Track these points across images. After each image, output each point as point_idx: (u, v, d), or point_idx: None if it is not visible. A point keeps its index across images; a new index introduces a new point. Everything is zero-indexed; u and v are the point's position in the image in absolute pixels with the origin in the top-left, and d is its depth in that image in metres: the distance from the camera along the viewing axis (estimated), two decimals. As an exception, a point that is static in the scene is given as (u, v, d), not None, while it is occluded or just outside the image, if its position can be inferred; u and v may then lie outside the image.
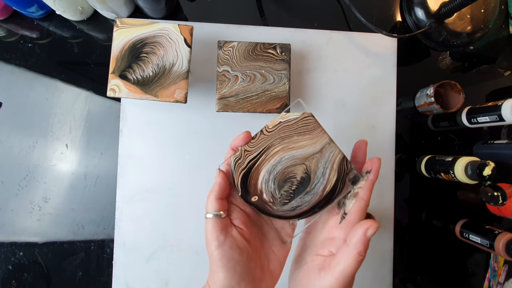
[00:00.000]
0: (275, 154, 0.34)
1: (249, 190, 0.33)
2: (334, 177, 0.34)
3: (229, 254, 0.29)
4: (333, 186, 0.34)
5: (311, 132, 0.34)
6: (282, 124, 0.34)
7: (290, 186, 0.34)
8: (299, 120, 0.34)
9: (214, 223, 0.30)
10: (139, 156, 0.53)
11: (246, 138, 0.34)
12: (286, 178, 0.34)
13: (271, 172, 0.34)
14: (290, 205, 0.33)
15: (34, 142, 0.53)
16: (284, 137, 0.34)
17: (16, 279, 0.52)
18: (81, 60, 0.55)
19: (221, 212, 0.31)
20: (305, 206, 0.33)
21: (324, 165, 0.34)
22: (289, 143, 0.34)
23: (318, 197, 0.33)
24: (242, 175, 0.33)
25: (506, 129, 0.56)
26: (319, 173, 0.34)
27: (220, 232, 0.30)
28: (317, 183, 0.34)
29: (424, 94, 0.53)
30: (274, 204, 0.33)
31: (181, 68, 0.45)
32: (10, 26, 0.55)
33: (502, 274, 0.56)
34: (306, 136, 0.34)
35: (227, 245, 0.30)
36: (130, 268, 0.52)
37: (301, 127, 0.34)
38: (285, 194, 0.34)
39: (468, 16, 0.55)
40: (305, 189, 0.34)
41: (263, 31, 0.55)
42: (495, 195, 0.44)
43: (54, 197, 0.53)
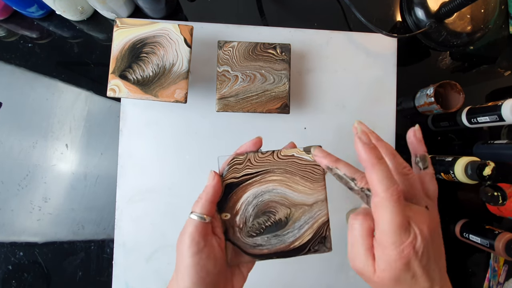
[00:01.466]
0: (270, 182, 0.33)
1: (226, 205, 0.32)
2: (309, 236, 0.33)
3: (204, 262, 0.27)
4: (302, 244, 0.33)
5: (314, 182, 0.34)
6: (294, 158, 0.33)
7: (266, 220, 0.33)
8: (310, 164, 0.34)
9: (198, 226, 0.28)
10: (139, 156, 0.53)
11: (257, 144, 0.33)
12: (266, 210, 0.33)
13: (257, 197, 0.33)
14: (255, 240, 0.32)
15: (34, 142, 0.53)
16: (288, 171, 0.33)
17: (16, 279, 0.52)
18: (81, 60, 0.55)
19: (206, 216, 0.29)
20: (266, 249, 0.32)
21: (306, 219, 0.33)
22: (289, 179, 0.33)
23: (283, 246, 0.32)
24: (230, 183, 0.32)
25: (506, 129, 0.56)
26: (297, 224, 0.33)
27: (201, 237, 0.28)
28: (290, 232, 0.33)
29: (424, 94, 0.53)
30: (240, 231, 0.32)
31: (181, 68, 0.45)
32: (10, 26, 0.55)
33: (502, 274, 0.56)
34: (307, 183, 0.33)
35: (205, 254, 0.28)
36: (130, 268, 0.52)
37: (308, 172, 0.33)
38: (257, 226, 0.32)
39: (468, 16, 0.55)
40: (276, 231, 0.32)
41: (263, 31, 0.55)
42: (495, 195, 0.44)
43: (54, 197, 0.53)
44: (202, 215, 0.29)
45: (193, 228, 0.28)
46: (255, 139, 0.33)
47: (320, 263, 0.54)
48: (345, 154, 0.55)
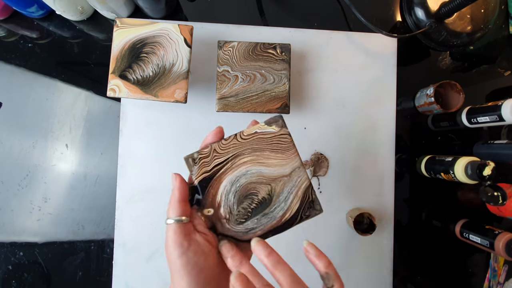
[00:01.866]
0: (242, 165, 0.32)
1: (205, 201, 0.31)
2: (296, 204, 0.32)
3: (193, 261, 0.28)
4: (293, 214, 0.32)
5: (285, 151, 0.33)
6: (258, 135, 0.33)
7: (250, 203, 0.32)
8: (276, 136, 0.33)
9: (177, 229, 0.28)
10: (139, 156, 0.53)
11: (219, 134, 0.32)
12: (247, 193, 0.32)
13: (234, 184, 0.32)
14: (245, 225, 0.32)
15: (34, 142, 0.53)
16: (256, 149, 0.32)
17: (16, 279, 0.52)
18: (81, 60, 0.55)
19: (183, 217, 0.29)
20: (259, 230, 0.32)
21: (289, 190, 0.32)
22: (259, 156, 0.32)
23: (275, 222, 0.32)
24: (203, 178, 0.32)
25: (506, 129, 0.56)
26: (282, 197, 0.32)
27: (183, 238, 0.28)
28: (277, 207, 0.32)
29: (424, 94, 0.53)
30: (228, 222, 0.32)
31: (181, 68, 0.45)
32: (10, 26, 0.55)
33: (502, 274, 0.56)
34: (279, 155, 0.33)
35: (192, 252, 0.28)
36: (130, 268, 0.52)
37: (276, 143, 0.33)
38: (243, 212, 0.32)
39: (468, 16, 0.55)
40: (263, 210, 0.32)
41: (263, 31, 0.55)
42: (495, 195, 0.44)
43: (54, 197, 0.53)
44: (178, 217, 0.29)
45: (171, 232, 0.28)
46: (215, 130, 0.32)
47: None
48: (344, 153, 0.55)
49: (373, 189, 0.55)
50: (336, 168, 0.55)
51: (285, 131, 0.33)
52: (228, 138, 0.33)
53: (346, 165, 0.55)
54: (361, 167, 0.55)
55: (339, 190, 0.55)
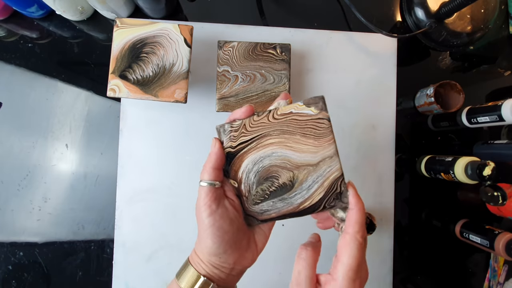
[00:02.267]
0: (268, 146, 0.30)
1: (230, 174, 0.32)
2: (320, 195, 0.30)
3: (219, 223, 0.30)
4: (313, 204, 0.31)
5: (319, 138, 0.30)
6: (293, 115, 0.30)
7: (269, 186, 0.31)
8: (312, 119, 0.31)
9: (208, 191, 0.30)
10: (139, 156, 0.53)
11: (248, 112, 0.31)
12: (268, 176, 0.31)
13: (257, 164, 0.31)
14: (260, 206, 0.32)
15: (34, 142, 0.53)
16: (286, 131, 0.30)
17: (16, 279, 0.52)
18: (81, 60, 0.55)
19: (216, 182, 0.31)
20: (274, 213, 0.31)
21: (314, 179, 0.31)
22: (288, 139, 0.30)
23: (291, 209, 0.31)
24: (228, 153, 0.31)
25: (506, 129, 0.56)
26: (305, 185, 0.31)
27: (213, 201, 0.30)
28: (298, 194, 0.31)
29: (424, 94, 0.53)
30: (246, 200, 0.32)
31: (181, 68, 0.45)
32: (10, 26, 0.55)
33: (502, 274, 0.56)
34: (310, 141, 0.30)
35: (218, 215, 0.30)
36: (130, 268, 0.52)
37: (310, 128, 0.31)
38: (260, 193, 0.31)
39: (468, 16, 0.55)
40: (282, 195, 0.31)
41: (263, 31, 0.55)
42: (495, 195, 0.44)
43: (54, 197, 0.53)
44: (211, 181, 0.30)
45: (203, 193, 0.30)
46: (244, 108, 0.31)
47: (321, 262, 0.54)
48: (344, 153, 0.55)
49: (373, 189, 0.55)
50: (336, 168, 0.55)
51: (324, 115, 0.31)
52: (260, 115, 0.31)
53: (346, 165, 0.55)
54: (361, 167, 0.55)
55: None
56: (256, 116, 0.31)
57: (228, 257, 0.31)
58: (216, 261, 0.31)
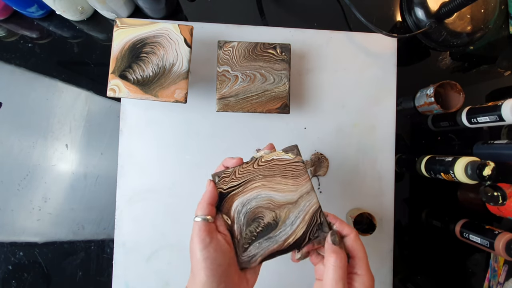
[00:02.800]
0: (253, 189, 0.34)
1: (222, 210, 0.34)
2: (302, 229, 0.34)
3: (213, 256, 0.31)
4: (297, 239, 0.33)
5: (296, 178, 0.35)
6: (274, 161, 0.35)
7: (256, 227, 0.34)
8: (290, 163, 0.35)
9: (202, 226, 0.32)
10: (139, 156, 0.53)
11: (238, 162, 0.35)
12: (255, 217, 0.34)
13: (245, 205, 0.34)
14: (248, 253, 0.33)
15: (34, 142, 0.53)
16: (268, 175, 0.34)
17: (16, 279, 0.52)
18: (81, 60, 0.55)
19: (209, 216, 0.33)
20: (259, 256, 0.33)
21: (296, 214, 0.34)
22: (270, 182, 0.34)
23: (276, 246, 0.33)
24: (220, 193, 0.34)
25: (506, 129, 0.56)
26: (288, 222, 0.34)
27: (206, 234, 0.31)
28: (282, 231, 0.34)
29: (424, 94, 0.53)
30: (238, 245, 0.33)
31: (181, 68, 0.45)
32: (10, 26, 0.55)
33: (502, 274, 0.56)
34: (289, 181, 0.34)
35: (212, 248, 0.31)
36: (130, 268, 0.52)
37: (288, 170, 0.35)
38: (249, 235, 0.34)
39: (468, 16, 0.55)
40: (267, 234, 0.34)
41: (263, 31, 0.55)
42: (495, 195, 0.44)
43: (54, 197, 0.53)
44: (204, 216, 0.32)
45: (197, 228, 0.32)
46: (236, 160, 0.36)
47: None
48: (344, 153, 0.55)
49: (373, 189, 0.55)
50: (336, 168, 0.55)
51: (299, 159, 0.35)
52: (248, 163, 0.35)
53: (346, 165, 0.55)
54: (361, 167, 0.55)
55: (339, 190, 0.55)
56: (244, 164, 0.35)
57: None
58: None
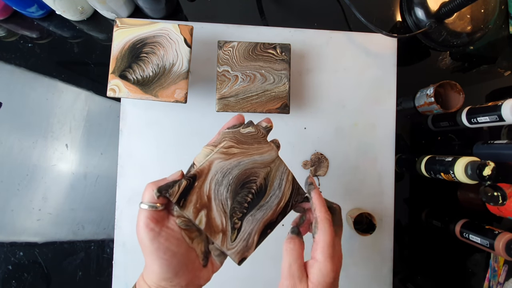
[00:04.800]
0: (233, 156, 0.31)
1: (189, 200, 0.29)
2: (289, 190, 0.32)
3: (165, 246, 0.28)
4: (287, 202, 0.32)
5: (266, 142, 0.33)
6: (243, 135, 0.33)
7: (246, 194, 0.31)
8: (255, 134, 0.33)
9: (149, 214, 0.28)
10: (139, 156, 0.53)
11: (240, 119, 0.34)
12: (244, 182, 0.31)
13: (226, 175, 0.30)
14: (242, 232, 0.30)
15: (34, 142, 0.53)
16: (243, 142, 0.32)
17: (16, 279, 0.52)
18: (81, 60, 0.55)
19: (158, 204, 0.29)
20: (255, 233, 0.30)
21: (280, 176, 0.32)
22: (248, 149, 0.32)
23: (271, 214, 0.31)
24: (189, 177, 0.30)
25: (506, 129, 0.56)
26: (276, 184, 0.32)
27: (155, 224, 0.28)
28: (272, 196, 0.32)
29: (424, 94, 0.53)
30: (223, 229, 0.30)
31: (181, 68, 0.45)
32: (10, 26, 0.55)
33: (502, 274, 0.56)
34: (266, 145, 0.33)
35: (163, 237, 0.28)
36: (130, 268, 0.52)
37: (258, 138, 0.33)
38: (239, 208, 0.30)
39: (468, 16, 0.55)
40: (259, 202, 0.31)
41: (263, 31, 0.55)
42: (495, 195, 0.44)
43: (54, 197, 0.53)
44: (152, 203, 0.29)
45: (143, 216, 0.29)
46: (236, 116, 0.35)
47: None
48: (344, 153, 0.55)
49: (373, 189, 0.55)
50: (336, 168, 0.55)
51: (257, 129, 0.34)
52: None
53: (346, 165, 0.55)
54: (361, 167, 0.55)
55: (339, 190, 0.55)
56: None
57: (180, 279, 0.28)
58: (167, 285, 0.28)
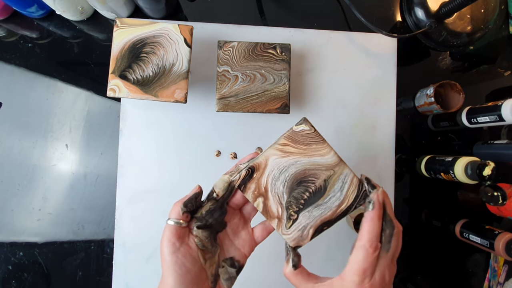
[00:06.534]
0: (290, 155, 0.31)
1: (248, 187, 0.32)
2: (353, 193, 0.31)
3: (181, 261, 0.30)
4: (349, 205, 0.31)
5: (325, 143, 0.32)
6: (297, 133, 0.32)
7: (303, 191, 0.31)
8: (311, 133, 0.32)
9: (173, 230, 0.31)
10: (139, 156, 0.53)
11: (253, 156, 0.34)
12: (301, 180, 0.31)
13: (283, 172, 0.31)
14: (297, 223, 0.31)
15: (34, 142, 0.53)
16: (301, 142, 0.32)
17: (16, 279, 0.52)
18: (81, 60, 0.55)
19: (181, 221, 0.31)
20: (311, 228, 0.31)
21: (343, 179, 0.31)
22: (306, 149, 0.31)
23: (330, 214, 0.31)
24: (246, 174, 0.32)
25: (506, 129, 0.56)
26: (337, 187, 0.31)
27: (177, 239, 0.31)
28: (333, 197, 0.31)
29: (424, 94, 0.53)
30: (279, 216, 0.31)
31: (181, 68, 0.45)
32: (10, 26, 0.55)
33: (502, 274, 0.56)
34: (325, 146, 0.31)
35: (181, 253, 0.31)
36: (130, 268, 0.52)
37: (313, 137, 0.32)
38: (295, 202, 0.31)
39: (468, 16, 0.55)
40: (316, 201, 0.31)
41: (263, 31, 0.55)
42: (495, 195, 0.44)
43: (54, 197, 0.53)
44: (177, 220, 0.32)
45: (168, 231, 0.31)
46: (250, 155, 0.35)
47: (323, 262, 0.54)
48: (344, 153, 0.55)
49: (373, 189, 0.55)
50: (336, 168, 0.55)
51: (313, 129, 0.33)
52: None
53: (346, 165, 0.55)
54: (361, 167, 0.55)
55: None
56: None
57: None
58: None
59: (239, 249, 0.35)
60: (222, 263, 0.34)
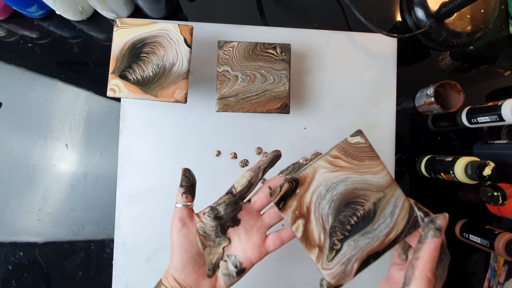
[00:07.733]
0: (340, 169, 0.27)
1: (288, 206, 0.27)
2: (404, 220, 0.27)
3: (181, 240, 0.33)
4: (399, 233, 0.27)
5: (378, 159, 0.28)
6: (351, 145, 0.28)
7: (351, 215, 0.27)
8: (366, 147, 0.28)
9: (177, 211, 0.34)
10: (139, 156, 0.53)
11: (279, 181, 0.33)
12: (350, 201, 0.27)
13: (330, 189, 0.27)
14: (341, 255, 0.26)
15: (34, 142, 0.53)
16: (353, 156, 0.28)
17: (16, 279, 0.52)
18: (81, 60, 0.55)
19: (180, 203, 0.34)
20: (356, 261, 0.26)
21: (394, 202, 0.27)
22: (358, 165, 0.27)
23: (377, 245, 0.27)
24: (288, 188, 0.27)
25: (506, 129, 0.56)
26: (387, 211, 0.27)
27: (178, 220, 0.33)
28: (382, 223, 0.27)
29: (424, 94, 0.53)
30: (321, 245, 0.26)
31: (181, 68, 0.45)
32: (10, 26, 0.55)
33: (502, 274, 0.56)
34: (378, 163, 0.28)
35: (182, 232, 0.33)
36: (130, 268, 0.52)
37: (368, 152, 0.28)
38: (340, 228, 0.26)
39: (468, 16, 0.55)
40: (364, 228, 0.27)
41: (263, 31, 0.55)
42: (495, 195, 0.44)
43: (54, 197, 0.53)
44: (184, 203, 0.34)
45: (174, 213, 0.34)
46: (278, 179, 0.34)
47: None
48: (345, 154, 0.55)
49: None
50: (336, 168, 0.55)
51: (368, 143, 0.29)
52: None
53: (346, 165, 0.55)
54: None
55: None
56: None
57: (185, 276, 0.33)
58: (176, 276, 0.33)
59: (246, 250, 0.34)
60: (225, 257, 0.34)
